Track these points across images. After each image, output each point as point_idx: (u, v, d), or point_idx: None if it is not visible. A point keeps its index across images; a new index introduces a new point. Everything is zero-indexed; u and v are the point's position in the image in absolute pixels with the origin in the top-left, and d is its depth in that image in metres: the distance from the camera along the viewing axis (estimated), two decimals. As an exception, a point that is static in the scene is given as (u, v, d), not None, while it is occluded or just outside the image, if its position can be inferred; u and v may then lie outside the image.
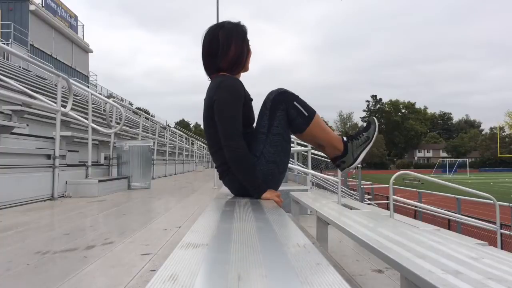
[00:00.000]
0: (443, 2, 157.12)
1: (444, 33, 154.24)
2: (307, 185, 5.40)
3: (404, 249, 1.44)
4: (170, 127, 17.78)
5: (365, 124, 1.84)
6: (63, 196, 4.18)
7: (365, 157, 1.75)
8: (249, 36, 1.75)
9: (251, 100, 1.73)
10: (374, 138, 1.74)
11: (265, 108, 1.66)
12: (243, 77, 1.82)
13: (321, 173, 9.06)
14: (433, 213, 9.28)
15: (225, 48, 1.67)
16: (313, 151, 6.42)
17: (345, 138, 1.73)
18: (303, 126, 1.64)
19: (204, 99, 1.70)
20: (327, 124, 1.83)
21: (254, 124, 1.72)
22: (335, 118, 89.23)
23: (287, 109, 1.63)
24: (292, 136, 1.84)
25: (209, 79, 1.75)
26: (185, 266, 0.59)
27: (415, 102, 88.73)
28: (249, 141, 1.62)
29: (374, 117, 1.84)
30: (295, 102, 1.64)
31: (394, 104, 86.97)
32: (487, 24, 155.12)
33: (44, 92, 8.96)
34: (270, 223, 1.00)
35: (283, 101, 1.64)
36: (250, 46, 1.73)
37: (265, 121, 1.64)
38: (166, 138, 10.66)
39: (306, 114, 1.63)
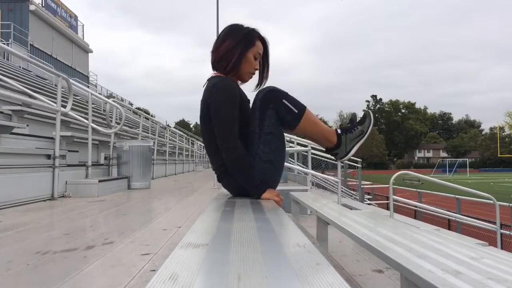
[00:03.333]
0: (442, 2, 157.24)
1: (444, 33, 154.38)
2: (307, 185, 5.39)
3: (404, 249, 1.44)
4: (170, 127, 17.78)
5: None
6: (63, 196, 4.18)
7: (364, 156, 1.74)
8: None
9: (248, 101, 1.73)
10: (368, 132, 1.74)
11: (255, 107, 1.65)
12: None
13: (322, 173, 9.06)
14: (433, 213, 9.28)
15: (219, 42, 1.69)
16: (313, 151, 6.42)
17: (339, 131, 1.73)
18: (293, 123, 1.63)
19: (201, 100, 1.70)
20: (327, 124, 1.82)
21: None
22: (335, 118, 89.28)
23: (277, 107, 1.62)
24: (292, 136, 1.85)
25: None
26: (185, 266, 0.59)
27: (415, 102, 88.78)
28: (244, 142, 1.62)
29: (369, 111, 1.83)
30: (284, 100, 1.63)
31: (394, 104, 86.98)
32: (487, 24, 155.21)
33: (44, 92, 8.96)
34: (270, 223, 1.00)
35: (272, 100, 1.63)
36: (250, 54, 1.69)
37: (256, 120, 1.63)
38: (166, 138, 10.66)
39: (296, 111, 1.62)
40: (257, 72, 1.79)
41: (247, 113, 1.69)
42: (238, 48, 1.66)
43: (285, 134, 1.85)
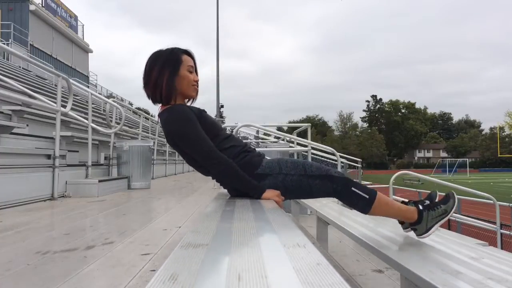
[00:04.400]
0: (442, 2, 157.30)
1: (444, 33, 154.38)
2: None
3: (404, 249, 1.44)
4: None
5: (443, 195, 1.76)
6: (63, 196, 4.18)
7: (364, 156, 1.72)
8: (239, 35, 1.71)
9: (204, 111, 1.70)
10: (451, 213, 1.68)
11: (319, 186, 1.61)
12: (246, 77, 1.78)
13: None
14: (433, 213, 9.26)
15: (146, 75, 1.66)
16: (313, 151, 6.42)
17: (420, 207, 1.67)
18: (366, 208, 1.60)
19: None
20: (331, 129, 1.78)
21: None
22: (335, 118, 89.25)
23: (345, 194, 1.60)
24: (292, 136, 1.84)
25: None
26: (185, 266, 0.59)
27: (415, 102, 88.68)
28: (228, 154, 1.60)
29: (453, 192, 1.75)
30: (353, 188, 1.59)
31: (394, 104, 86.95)
32: (487, 24, 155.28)
33: (44, 92, 8.96)
34: (270, 223, 1.00)
35: (342, 185, 1.60)
36: (183, 71, 1.64)
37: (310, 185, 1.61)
38: (166, 138, 10.64)
39: (367, 197, 1.59)
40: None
41: (212, 121, 1.68)
42: (165, 72, 1.62)
43: (286, 134, 1.84)
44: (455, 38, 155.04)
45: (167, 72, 1.63)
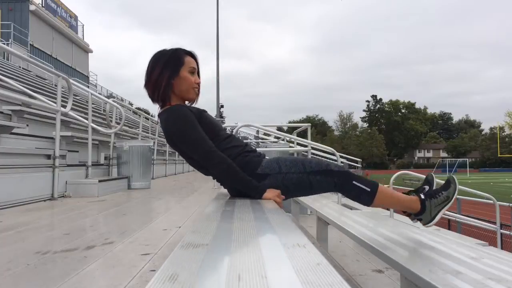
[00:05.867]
0: (441, 2, 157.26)
1: (444, 33, 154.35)
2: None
3: (404, 249, 1.44)
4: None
5: (444, 182, 1.75)
6: (63, 196, 4.18)
7: (364, 156, 1.72)
8: (241, 37, 1.72)
9: (204, 111, 1.70)
10: (454, 198, 1.68)
11: (318, 181, 1.61)
12: (246, 77, 1.78)
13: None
14: (433, 213, 9.25)
15: (148, 74, 1.66)
16: (313, 151, 6.42)
17: (422, 196, 1.66)
18: (368, 200, 1.60)
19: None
20: (334, 134, 1.78)
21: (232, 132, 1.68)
22: (335, 118, 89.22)
23: (346, 188, 1.60)
24: (292, 136, 1.84)
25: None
26: (185, 266, 0.59)
27: (415, 102, 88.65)
28: (228, 153, 1.60)
29: (454, 176, 1.75)
30: (354, 182, 1.59)
31: (394, 104, 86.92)
32: (487, 24, 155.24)
33: (44, 92, 8.95)
34: (270, 223, 1.00)
35: (344, 179, 1.60)
36: (184, 72, 1.64)
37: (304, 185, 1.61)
38: (166, 138, 10.64)
39: (369, 190, 1.59)
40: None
41: (212, 121, 1.68)
42: (166, 72, 1.62)
43: (286, 134, 1.84)
44: (455, 38, 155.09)
45: (167, 72, 1.62)
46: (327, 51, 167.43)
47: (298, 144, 6.55)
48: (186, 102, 1.72)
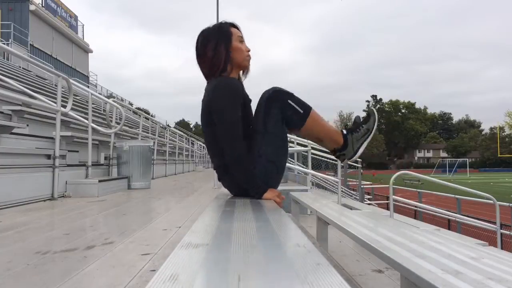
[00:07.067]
0: (441, 2, 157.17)
1: (444, 33, 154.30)
2: (307, 185, 5.39)
3: (404, 249, 1.44)
4: (170, 127, 17.78)
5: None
6: (63, 196, 4.18)
7: (365, 155, 1.74)
8: (244, 35, 1.74)
9: (250, 101, 1.73)
10: (374, 130, 1.73)
11: (260, 107, 1.65)
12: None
13: (328, 173, 9.05)
14: (433, 213, 9.28)
15: (201, 53, 1.69)
16: (313, 151, 6.42)
17: (344, 131, 1.72)
18: (299, 123, 1.64)
19: (202, 101, 1.69)
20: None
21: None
22: (335, 118, 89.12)
23: (282, 107, 1.63)
24: (292, 136, 1.85)
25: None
26: (185, 266, 0.59)
27: (415, 102, 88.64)
28: (248, 142, 1.61)
29: (373, 108, 1.83)
30: (289, 100, 1.63)
31: (394, 104, 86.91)
32: (487, 24, 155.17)
33: (44, 92, 8.95)
34: (270, 223, 1.00)
35: (277, 100, 1.64)
36: (235, 43, 1.68)
37: (261, 120, 1.63)
38: (166, 138, 10.66)
39: (301, 111, 1.63)
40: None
41: (250, 113, 1.70)
42: (221, 46, 1.65)
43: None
44: (455, 38, 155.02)
45: (222, 46, 1.65)
46: (327, 51, 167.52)
47: (298, 144, 6.56)
48: (241, 73, 1.76)
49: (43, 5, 22.65)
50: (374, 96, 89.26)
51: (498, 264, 1.17)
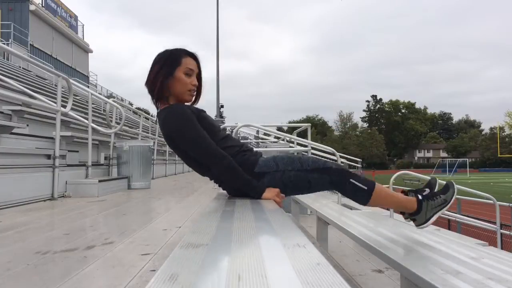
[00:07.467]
0: (441, 2, 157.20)
1: (444, 33, 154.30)
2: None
3: (404, 249, 1.44)
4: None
5: (436, 184, 1.75)
6: (63, 196, 4.18)
7: (364, 156, 1.72)
8: (244, 35, 1.72)
9: (203, 111, 1.70)
10: (451, 203, 1.67)
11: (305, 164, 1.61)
12: (246, 77, 1.78)
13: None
14: (433, 213, 9.24)
15: (148, 72, 1.68)
16: (313, 151, 6.42)
17: (420, 197, 1.66)
18: (365, 199, 1.60)
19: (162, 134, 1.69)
20: (333, 133, 1.78)
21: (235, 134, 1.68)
22: (335, 118, 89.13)
23: (343, 186, 1.60)
24: (292, 136, 1.84)
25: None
26: (185, 266, 0.59)
27: (415, 102, 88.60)
28: (244, 160, 1.60)
29: (453, 181, 1.75)
30: (351, 180, 1.59)
31: (394, 104, 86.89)
32: (487, 24, 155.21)
33: (44, 92, 8.95)
34: (270, 223, 1.00)
35: (341, 176, 1.60)
36: (179, 73, 1.62)
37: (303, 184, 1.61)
38: (166, 138, 10.63)
39: (365, 188, 1.58)
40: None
41: (211, 122, 1.68)
42: (162, 71, 1.62)
43: (286, 134, 1.84)
44: (455, 38, 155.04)
45: (163, 72, 1.62)
46: (326, 51, 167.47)
47: (298, 144, 6.55)
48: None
49: (43, 5, 22.65)
50: (374, 96, 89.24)
51: (498, 264, 1.17)
